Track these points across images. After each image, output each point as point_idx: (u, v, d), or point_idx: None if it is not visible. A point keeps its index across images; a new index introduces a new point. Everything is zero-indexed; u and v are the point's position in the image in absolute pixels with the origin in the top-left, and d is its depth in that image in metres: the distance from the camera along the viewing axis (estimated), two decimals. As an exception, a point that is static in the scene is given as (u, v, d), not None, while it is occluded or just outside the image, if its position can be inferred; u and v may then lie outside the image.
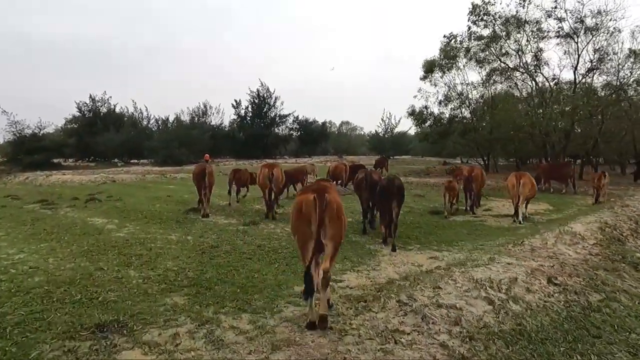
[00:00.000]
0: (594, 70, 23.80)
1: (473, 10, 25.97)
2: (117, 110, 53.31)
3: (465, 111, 32.23)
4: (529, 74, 26.10)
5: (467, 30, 27.41)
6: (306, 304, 4.51)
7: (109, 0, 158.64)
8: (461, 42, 28.18)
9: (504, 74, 27.39)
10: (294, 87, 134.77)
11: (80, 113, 50.67)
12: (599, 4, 25.77)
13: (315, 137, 66.83)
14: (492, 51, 26.93)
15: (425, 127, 35.92)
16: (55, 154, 42.95)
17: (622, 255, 7.32)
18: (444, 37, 29.39)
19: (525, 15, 24.78)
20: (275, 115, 60.82)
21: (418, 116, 33.58)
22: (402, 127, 66.80)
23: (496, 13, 25.45)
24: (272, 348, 3.93)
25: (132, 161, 48.99)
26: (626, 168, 28.99)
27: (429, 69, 32.14)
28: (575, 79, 24.64)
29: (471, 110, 31.67)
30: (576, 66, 24.23)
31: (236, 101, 59.86)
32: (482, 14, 25.69)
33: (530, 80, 26.79)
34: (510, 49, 26.22)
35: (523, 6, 24.53)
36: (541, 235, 8.48)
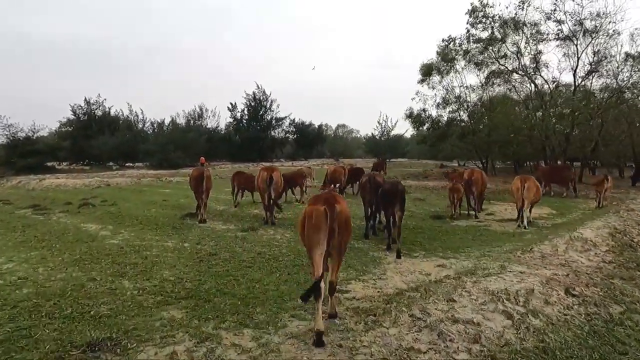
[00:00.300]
0: (594, 72, 23.68)
1: (472, 12, 25.85)
2: (112, 113, 52.93)
3: (463, 114, 32.09)
4: (528, 77, 25.95)
5: (466, 32, 27.33)
6: (305, 310, 4.61)
7: (109, 0, 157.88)
8: (460, 45, 28.03)
9: (503, 77, 27.22)
10: (292, 88, 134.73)
11: (74, 116, 50.22)
12: (599, 7, 25.71)
13: (311, 140, 66.72)
14: (491, 54, 26.77)
15: (423, 130, 35.77)
16: (49, 158, 42.53)
17: (637, 262, 7.07)
18: (443, 41, 29.26)
19: (524, 17, 24.69)
20: (271, 118, 60.63)
21: (416, 119, 33.39)
22: (399, 130, 66.84)
23: (495, 15, 25.36)
24: (278, 369, 3.64)
25: (128, 164, 48.55)
26: (624, 171, 28.91)
27: (427, 72, 31.98)
28: (574, 82, 24.52)
29: (469, 113, 31.50)
30: (575, 69, 24.12)
31: (232, 104, 59.68)
32: (481, 16, 25.56)
33: (528, 82, 26.65)
34: (509, 51, 26.08)
35: (522, 8, 24.45)
36: (550, 241, 8.22)
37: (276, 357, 3.84)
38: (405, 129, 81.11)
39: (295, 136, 65.82)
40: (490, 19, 25.45)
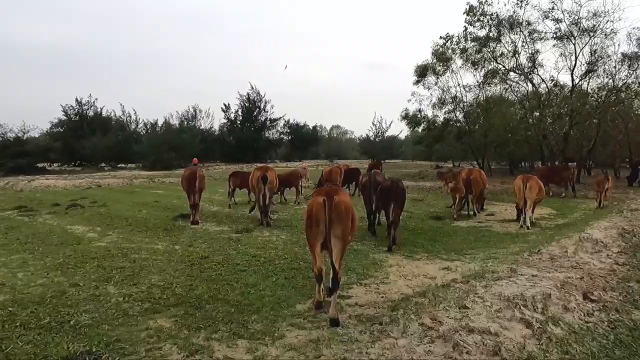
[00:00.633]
0: (591, 72, 23.48)
1: (469, 10, 25.57)
2: (105, 113, 52.36)
3: (459, 114, 31.88)
4: (525, 76, 25.72)
5: (464, 30, 27.05)
6: (304, 319, 4.55)
7: (98, 4, 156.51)
8: (457, 43, 27.77)
9: (500, 76, 26.98)
10: (287, 90, 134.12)
11: (66, 116, 49.56)
12: (596, 5, 25.53)
13: (306, 141, 66.51)
14: (488, 52, 26.53)
15: (419, 131, 35.55)
16: (40, 159, 41.84)
17: (651, 264, 6.75)
18: (440, 38, 28.98)
19: (522, 15, 24.47)
20: (265, 119, 60.31)
21: (412, 119, 33.16)
22: (393, 131, 66.79)
23: (493, 14, 25.11)
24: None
25: (120, 166, 47.94)
26: (619, 171, 28.78)
27: (422, 73, 31.77)
28: (572, 81, 24.33)
29: (465, 113, 31.29)
30: (573, 68, 23.92)
31: (225, 105, 59.29)
32: (479, 15, 25.28)
33: (525, 82, 26.43)
34: (506, 50, 25.86)
35: (520, 7, 24.22)
36: (558, 242, 7.89)
37: (274, 373, 3.45)
38: (399, 130, 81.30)
39: (289, 137, 65.55)
40: (488, 17, 25.21)
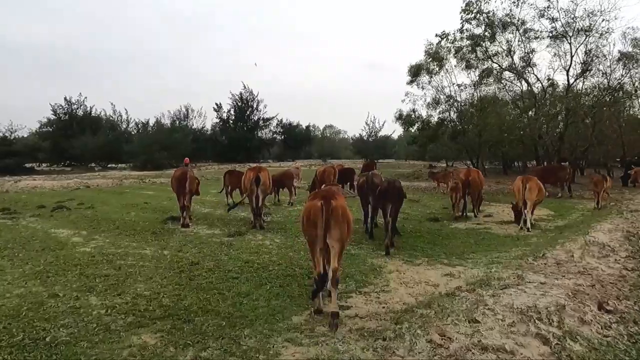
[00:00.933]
0: (587, 71, 23.38)
1: (466, 7, 25.35)
2: (95, 112, 51.53)
3: (453, 114, 31.70)
4: (520, 75, 25.56)
5: (460, 28, 26.79)
6: (302, 332, 4.33)
7: (87, 5, 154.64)
8: (453, 42, 27.53)
9: (495, 75, 26.81)
10: (280, 90, 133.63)
11: (55, 116, 48.72)
12: (593, 4, 25.41)
13: (299, 141, 66.15)
14: (481, 52, 26.35)
15: (412, 131, 35.33)
16: (28, 159, 41.09)
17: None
18: (436, 36, 28.68)
19: (518, 14, 24.31)
20: (258, 118, 59.87)
21: (406, 119, 32.93)
22: (386, 131, 66.64)
23: (489, 12, 24.91)
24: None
25: (110, 166, 47.25)
26: (613, 171, 28.76)
27: (416, 73, 31.56)
28: (568, 81, 24.21)
29: (459, 112, 31.10)
30: (569, 68, 23.79)
31: (217, 104, 58.74)
32: (475, 12, 25.06)
33: (520, 81, 26.28)
34: (501, 49, 25.69)
35: (517, 5, 24.05)
36: (562, 246, 7.62)
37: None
38: (392, 130, 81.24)
39: (282, 137, 65.16)
40: (484, 15, 25.01)
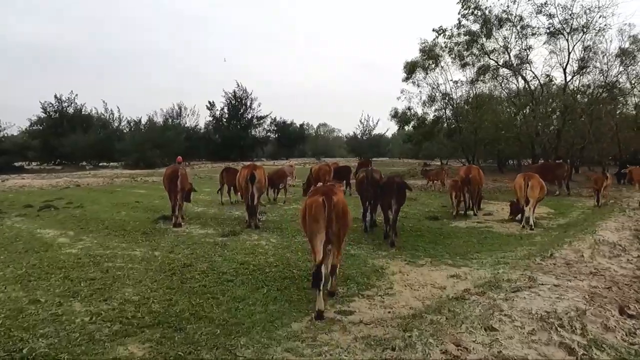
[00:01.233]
0: (585, 68, 23.23)
1: (463, 2, 25.07)
2: (86, 110, 50.76)
3: (449, 112, 31.49)
4: (519, 72, 25.38)
5: (457, 23, 26.50)
6: (302, 341, 4.03)
7: (83, 4, 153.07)
8: (450, 37, 27.25)
9: (492, 72, 26.60)
10: (274, 89, 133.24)
11: (45, 114, 47.92)
12: (590, 0, 25.11)
13: (293, 139, 65.81)
14: (477, 48, 26.12)
15: (407, 129, 35.09)
16: (17, 157, 40.39)
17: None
18: (433, 31, 28.34)
19: (515, 10, 24.11)
20: (252, 116, 59.39)
21: (401, 117, 32.67)
22: (380, 130, 66.55)
23: (486, 8, 24.69)
24: None
25: (102, 164, 46.59)
26: (608, 169, 28.70)
27: (411, 70, 31.28)
28: (565, 78, 24.06)
29: (455, 110, 30.88)
30: (566, 64, 23.64)
31: (210, 102, 58.23)
32: (473, 8, 24.81)
33: (517, 78, 26.10)
34: (498, 45, 25.49)
35: (514, 1, 23.85)
36: (571, 245, 7.35)
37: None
38: (386, 128, 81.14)
39: (276, 135, 64.79)
40: (481, 11, 24.77)
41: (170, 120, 54.33)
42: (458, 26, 26.30)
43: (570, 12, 22.31)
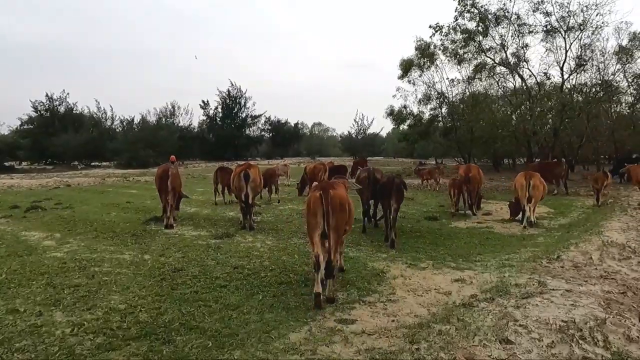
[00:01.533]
0: (582, 66, 23.09)
1: (460, 0, 24.81)
2: (78, 109, 50.13)
3: (445, 110, 31.35)
4: (515, 71, 25.20)
5: (454, 21, 26.27)
6: (301, 355, 3.78)
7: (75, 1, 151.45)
8: (446, 35, 27.01)
9: (488, 71, 26.42)
10: (267, 88, 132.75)
11: (36, 113, 47.23)
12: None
13: (287, 139, 65.50)
14: (474, 46, 25.93)
15: (403, 128, 34.93)
16: (6, 157, 39.75)
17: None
18: (430, 27, 28.07)
19: (512, 8, 23.93)
20: (246, 116, 59.07)
21: (397, 116, 32.45)
22: (375, 129, 66.41)
23: (482, 6, 24.48)
24: None
25: (94, 164, 45.99)
26: (603, 168, 28.64)
27: (407, 68, 31.08)
28: (562, 76, 23.92)
29: (450, 108, 30.71)
30: (563, 63, 23.51)
31: (204, 102, 57.80)
32: (469, 5, 24.59)
33: (514, 77, 25.94)
34: (495, 43, 25.31)
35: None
36: (577, 247, 7.11)
37: None
38: (381, 127, 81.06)
39: (271, 134, 64.42)
40: (477, 9, 24.56)
41: (163, 119, 53.82)
42: (455, 24, 26.12)
43: (567, 10, 22.18)
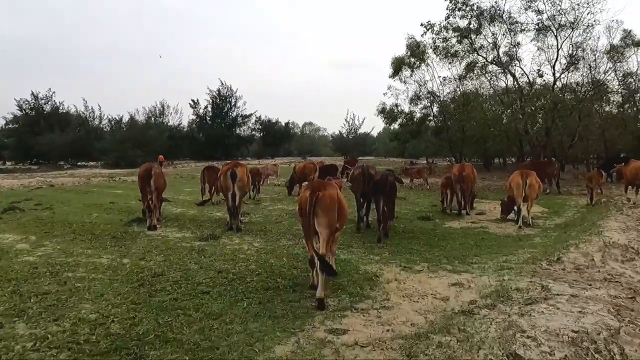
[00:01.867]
0: (574, 64, 23.02)
1: (452, -3, 24.61)
2: (66, 108, 49.09)
3: (436, 109, 31.17)
4: (507, 69, 25.06)
5: (445, 19, 26.02)
6: None
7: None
8: (438, 33, 26.77)
9: (479, 69, 26.26)
10: (258, 88, 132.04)
11: (21, 111, 46.18)
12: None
13: (278, 138, 64.99)
14: (469, 44, 25.74)
15: (394, 127, 34.76)
16: (-10, 156, 38.83)
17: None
18: (421, 25, 27.80)
19: (504, 6, 23.79)
20: (237, 115, 58.38)
21: (389, 115, 32.20)
22: (366, 128, 66.24)
23: (474, 4, 24.29)
24: None
25: (81, 164, 45.09)
26: (593, 167, 28.64)
27: (398, 66, 30.85)
28: (554, 75, 23.83)
29: (441, 107, 30.53)
30: (555, 61, 23.42)
31: (194, 101, 57.00)
32: (460, 3, 24.38)
33: (506, 75, 25.80)
34: (486, 42, 25.16)
35: (502, -3, 23.53)
36: (577, 248, 6.84)
37: None
38: (372, 127, 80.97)
39: (261, 134, 63.86)
40: (469, 7, 24.37)
41: (152, 118, 53.02)
42: (446, 22, 25.89)
43: (559, 9, 22.08)
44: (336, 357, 3.49)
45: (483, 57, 25.72)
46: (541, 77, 24.47)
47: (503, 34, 24.42)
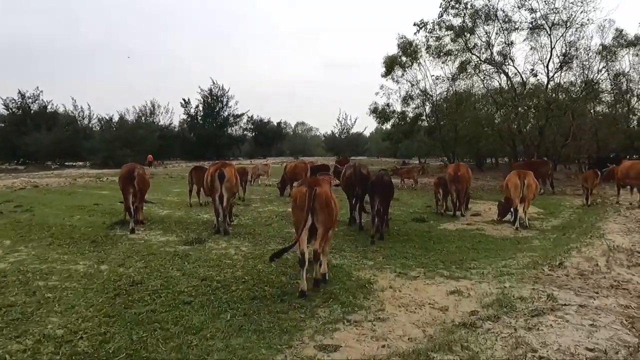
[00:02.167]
0: (567, 64, 22.90)
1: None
2: (54, 107, 48.33)
3: (428, 109, 30.96)
4: (500, 68, 24.89)
5: (439, 17, 25.78)
6: None
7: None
8: (431, 31, 26.53)
9: (473, 68, 26.07)
10: (251, 87, 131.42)
11: (7, 110, 45.38)
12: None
13: (270, 138, 64.66)
14: (462, 43, 25.53)
15: (386, 127, 34.54)
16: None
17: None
18: (414, 25, 27.52)
19: (497, 4, 23.61)
20: (228, 114, 57.93)
21: (381, 114, 31.92)
22: (358, 128, 66.10)
23: (467, 2, 24.08)
24: None
25: (68, 163, 44.32)
26: (585, 167, 28.60)
27: (390, 66, 30.58)
28: (547, 74, 23.71)
29: (434, 107, 30.32)
30: (548, 61, 23.30)
31: (185, 100, 56.42)
32: (454, 1, 24.15)
33: (499, 74, 25.63)
34: (480, 41, 24.97)
35: (495, -5, 23.32)
36: (579, 252, 6.55)
37: None
38: (364, 127, 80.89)
39: (253, 134, 63.44)
40: (463, 5, 24.17)
41: (142, 118, 52.37)
42: (439, 20, 25.63)
43: (552, 7, 21.95)
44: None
45: (477, 56, 25.54)
46: (535, 77, 24.36)
47: (497, 33, 24.27)
